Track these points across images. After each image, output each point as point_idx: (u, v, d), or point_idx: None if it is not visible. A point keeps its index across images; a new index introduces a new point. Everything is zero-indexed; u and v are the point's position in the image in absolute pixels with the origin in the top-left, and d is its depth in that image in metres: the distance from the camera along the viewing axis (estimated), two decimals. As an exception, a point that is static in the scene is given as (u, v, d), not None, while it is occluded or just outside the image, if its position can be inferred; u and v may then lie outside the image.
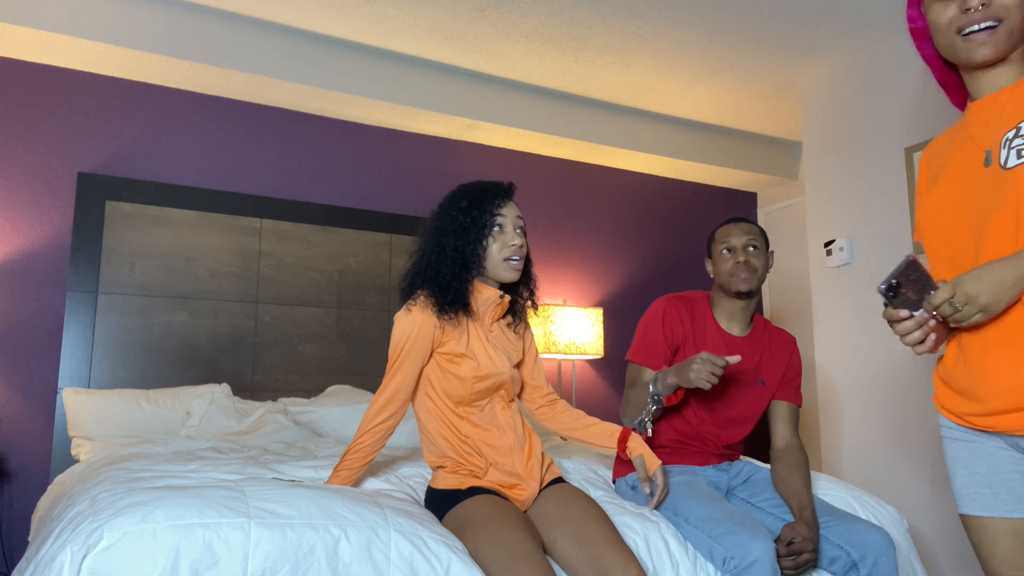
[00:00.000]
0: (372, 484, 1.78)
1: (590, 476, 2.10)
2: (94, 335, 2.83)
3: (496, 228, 1.71)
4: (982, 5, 1.17)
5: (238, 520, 1.31)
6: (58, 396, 2.73)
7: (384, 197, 3.59)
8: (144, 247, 2.97)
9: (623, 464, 2.02)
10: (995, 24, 1.17)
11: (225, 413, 2.66)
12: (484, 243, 1.70)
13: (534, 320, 3.57)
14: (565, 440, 3.01)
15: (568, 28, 3.15)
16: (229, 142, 3.27)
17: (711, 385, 1.72)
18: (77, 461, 2.52)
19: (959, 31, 1.20)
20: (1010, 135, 1.16)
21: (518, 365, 1.86)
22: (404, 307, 1.70)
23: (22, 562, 1.48)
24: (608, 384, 4.04)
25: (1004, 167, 1.16)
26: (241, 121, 3.31)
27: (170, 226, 3.03)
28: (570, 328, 3.55)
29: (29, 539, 2.38)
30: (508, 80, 3.66)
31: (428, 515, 1.58)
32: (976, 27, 1.18)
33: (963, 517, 1.28)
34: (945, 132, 1.39)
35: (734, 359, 1.73)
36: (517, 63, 3.47)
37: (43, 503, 2.17)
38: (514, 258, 1.71)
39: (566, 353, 3.53)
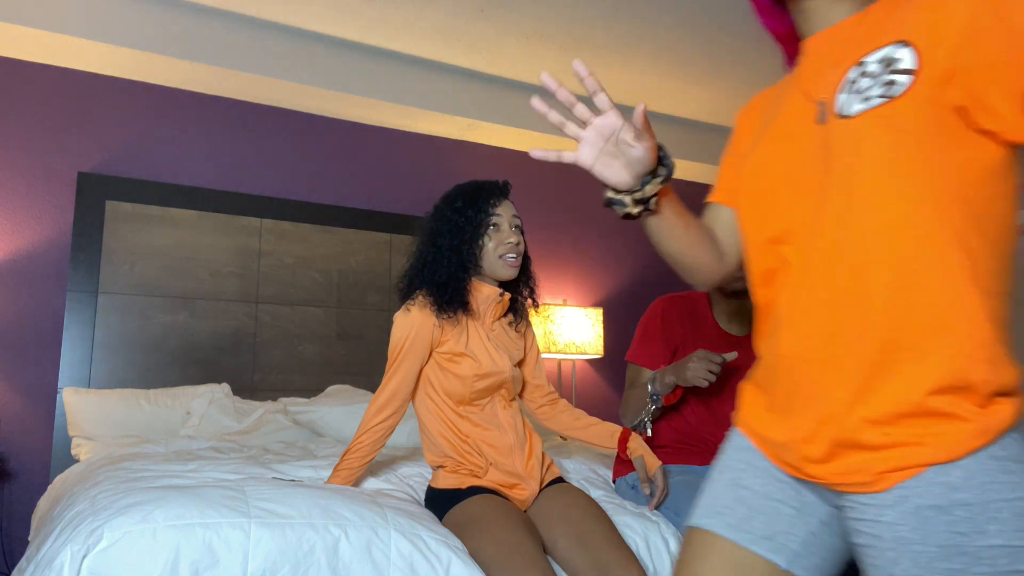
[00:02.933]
0: (372, 484, 1.78)
1: (590, 476, 2.10)
2: (94, 335, 2.83)
3: (492, 227, 1.71)
4: None
5: (238, 520, 1.31)
6: (58, 396, 2.73)
7: (384, 197, 3.59)
8: (144, 247, 2.97)
9: (623, 464, 2.02)
10: None
11: (225, 413, 2.66)
12: (480, 242, 1.70)
13: (534, 320, 3.57)
14: (565, 440, 3.01)
15: (568, 28, 3.15)
16: (229, 142, 3.27)
17: (708, 383, 1.72)
18: (77, 461, 2.52)
19: None
20: (852, 75, 0.87)
21: (520, 364, 1.86)
22: (403, 307, 1.71)
23: (22, 562, 1.48)
24: (608, 384, 4.04)
25: (843, 115, 0.86)
26: (241, 121, 3.31)
27: (170, 226, 3.03)
28: (570, 328, 3.55)
29: (29, 539, 2.38)
30: (508, 80, 3.66)
31: (428, 515, 1.58)
32: None
33: None
34: (775, 86, 1.11)
35: (731, 356, 1.73)
36: (517, 63, 3.47)
37: (43, 503, 2.17)
38: (510, 255, 1.71)
39: (566, 353, 3.53)
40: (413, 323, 1.67)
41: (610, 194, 0.99)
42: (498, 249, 1.71)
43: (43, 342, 2.83)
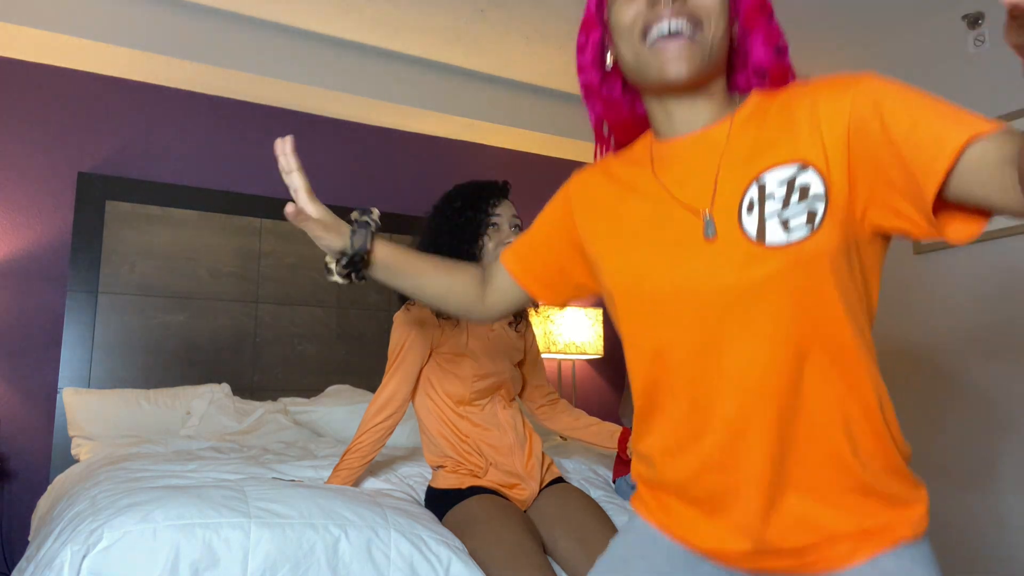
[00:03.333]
0: (372, 484, 1.78)
1: (590, 476, 2.10)
2: (94, 335, 2.83)
3: (492, 226, 1.71)
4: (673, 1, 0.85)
5: (238, 520, 1.31)
6: (58, 396, 2.73)
7: (384, 197, 3.58)
8: (144, 247, 2.97)
9: (623, 464, 2.02)
10: (691, 31, 0.85)
11: (225, 413, 2.66)
12: (480, 242, 1.71)
13: (534, 320, 3.58)
14: (565, 440, 3.01)
15: (568, 28, 3.15)
16: (229, 142, 3.27)
17: None
18: (77, 461, 2.51)
19: (645, 32, 0.86)
20: (753, 195, 0.83)
21: (520, 364, 1.86)
22: (404, 307, 1.71)
23: (22, 562, 1.48)
24: (608, 384, 4.04)
25: (762, 242, 0.81)
26: (241, 121, 3.31)
27: (170, 226, 3.03)
28: (570, 328, 3.55)
29: (29, 539, 2.38)
30: (508, 80, 3.66)
31: (428, 515, 1.58)
32: (666, 26, 0.84)
33: None
34: (610, 163, 1.02)
35: None
36: (517, 63, 3.47)
37: (43, 503, 2.17)
38: None
39: (566, 353, 3.53)
40: (413, 323, 1.68)
41: (326, 259, 1.08)
42: (497, 249, 1.71)
43: (43, 342, 2.83)
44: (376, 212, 1.08)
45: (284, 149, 0.99)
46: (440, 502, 1.65)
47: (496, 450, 1.69)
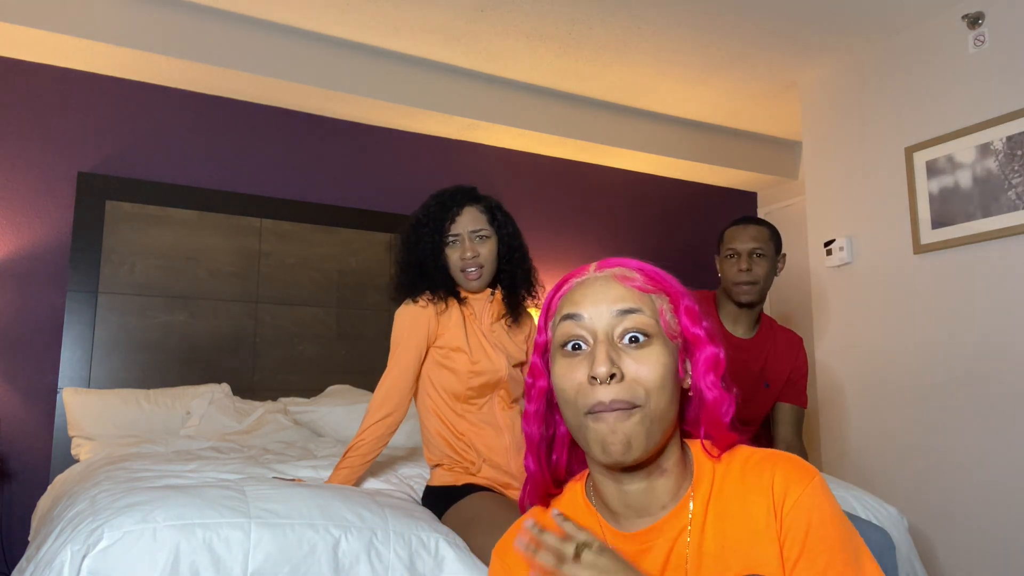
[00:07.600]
0: (372, 484, 1.78)
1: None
2: (94, 335, 2.83)
3: (450, 243, 1.71)
4: (611, 376, 0.83)
5: (238, 520, 1.31)
6: (58, 396, 2.73)
7: (384, 197, 3.58)
8: (144, 247, 2.96)
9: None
10: (628, 407, 0.82)
11: (225, 413, 2.66)
12: (443, 256, 1.72)
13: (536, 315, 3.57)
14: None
15: (568, 28, 3.15)
16: (229, 142, 3.27)
17: None
18: (77, 461, 2.51)
19: (587, 410, 0.83)
20: None
21: (521, 365, 1.86)
22: (406, 301, 1.73)
23: (22, 562, 1.48)
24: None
25: None
26: (241, 121, 3.30)
27: (170, 226, 3.03)
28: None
29: (29, 539, 2.38)
30: (508, 80, 3.66)
31: (428, 514, 1.58)
32: (605, 403, 0.82)
33: None
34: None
35: None
36: (517, 63, 3.47)
37: (43, 503, 2.17)
38: (469, 268, 1.71)
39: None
40: (408, 316, 1.71)
41: None
42: (458, 264, 1.72)
43: (43, 342, 2.83)
44: None
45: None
46: (437, 499, 1.66)
47: (491, 450, 1.70)
